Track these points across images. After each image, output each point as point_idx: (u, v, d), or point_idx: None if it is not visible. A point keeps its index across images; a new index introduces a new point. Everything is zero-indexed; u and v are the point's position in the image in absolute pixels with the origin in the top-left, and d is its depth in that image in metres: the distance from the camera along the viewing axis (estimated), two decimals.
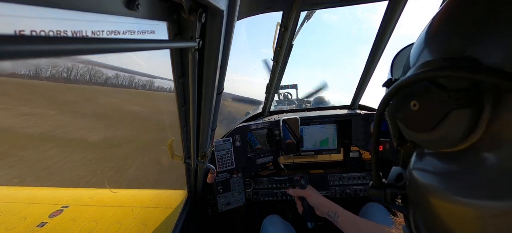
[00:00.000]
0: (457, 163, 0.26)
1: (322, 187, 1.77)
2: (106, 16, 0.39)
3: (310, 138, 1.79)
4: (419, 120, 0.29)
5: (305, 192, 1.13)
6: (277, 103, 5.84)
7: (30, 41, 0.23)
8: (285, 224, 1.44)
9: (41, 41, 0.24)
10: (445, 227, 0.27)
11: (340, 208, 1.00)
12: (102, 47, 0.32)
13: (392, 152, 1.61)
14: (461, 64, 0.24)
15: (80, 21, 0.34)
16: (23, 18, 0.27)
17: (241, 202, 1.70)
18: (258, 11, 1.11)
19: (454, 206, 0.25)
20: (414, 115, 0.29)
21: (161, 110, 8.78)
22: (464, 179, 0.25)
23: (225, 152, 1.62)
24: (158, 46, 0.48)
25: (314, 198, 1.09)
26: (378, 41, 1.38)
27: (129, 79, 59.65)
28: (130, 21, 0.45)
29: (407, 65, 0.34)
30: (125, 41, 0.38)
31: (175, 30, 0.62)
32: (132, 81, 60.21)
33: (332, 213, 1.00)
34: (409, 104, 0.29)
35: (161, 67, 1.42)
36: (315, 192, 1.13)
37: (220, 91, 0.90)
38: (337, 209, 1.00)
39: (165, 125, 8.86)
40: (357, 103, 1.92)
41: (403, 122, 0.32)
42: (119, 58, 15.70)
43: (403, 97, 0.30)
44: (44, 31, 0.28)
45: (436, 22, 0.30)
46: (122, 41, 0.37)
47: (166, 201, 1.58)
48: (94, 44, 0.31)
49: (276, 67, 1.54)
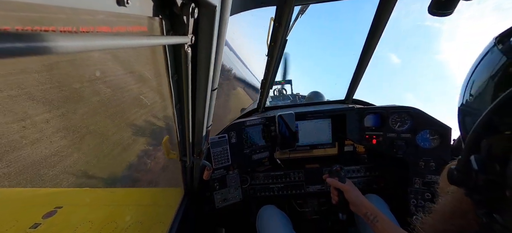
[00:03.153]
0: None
1: (318, 181, 1.80)
2: (96, 12, 0.38)
3: (306, 133, 1.80)
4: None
5: (344, 186, 1.12)
6: (272, 99, 5.84)
7: (18, 39, 0.22)
8: (281, 213, 1.47)
9: (27, 38, 0.24)
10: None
11: (380, 214, 0.99)
12: (93, 44, 0.31)
13: (386, 146, 1.64)
14: None
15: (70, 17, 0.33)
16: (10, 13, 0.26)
17: (237, 198, 1.71)
18: (252, 6, 1.10)
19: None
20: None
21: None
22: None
23: (221, 149, 1.62)
24: (150, 42, 0.47)
25: (354, 196, 1.09)
26: (371, 36, 1.39)
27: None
28: (121, 16, 0.44)
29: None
30: (116, 37, 0.37)
31: (167, 26, 0.61)
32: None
33: (371, 216, 0.99)
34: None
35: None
36: (355, 189, 1.12)
37: (215, 87, 0.89)
38: (378, 214, 0.99)
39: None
40: (352, 97, 1.94)
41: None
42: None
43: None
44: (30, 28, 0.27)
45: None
46: (113, 38, 0.37)
47: (162, 199, 1.58)
48: (84, 41, 0.30)
49: (270, 63, 1.54)
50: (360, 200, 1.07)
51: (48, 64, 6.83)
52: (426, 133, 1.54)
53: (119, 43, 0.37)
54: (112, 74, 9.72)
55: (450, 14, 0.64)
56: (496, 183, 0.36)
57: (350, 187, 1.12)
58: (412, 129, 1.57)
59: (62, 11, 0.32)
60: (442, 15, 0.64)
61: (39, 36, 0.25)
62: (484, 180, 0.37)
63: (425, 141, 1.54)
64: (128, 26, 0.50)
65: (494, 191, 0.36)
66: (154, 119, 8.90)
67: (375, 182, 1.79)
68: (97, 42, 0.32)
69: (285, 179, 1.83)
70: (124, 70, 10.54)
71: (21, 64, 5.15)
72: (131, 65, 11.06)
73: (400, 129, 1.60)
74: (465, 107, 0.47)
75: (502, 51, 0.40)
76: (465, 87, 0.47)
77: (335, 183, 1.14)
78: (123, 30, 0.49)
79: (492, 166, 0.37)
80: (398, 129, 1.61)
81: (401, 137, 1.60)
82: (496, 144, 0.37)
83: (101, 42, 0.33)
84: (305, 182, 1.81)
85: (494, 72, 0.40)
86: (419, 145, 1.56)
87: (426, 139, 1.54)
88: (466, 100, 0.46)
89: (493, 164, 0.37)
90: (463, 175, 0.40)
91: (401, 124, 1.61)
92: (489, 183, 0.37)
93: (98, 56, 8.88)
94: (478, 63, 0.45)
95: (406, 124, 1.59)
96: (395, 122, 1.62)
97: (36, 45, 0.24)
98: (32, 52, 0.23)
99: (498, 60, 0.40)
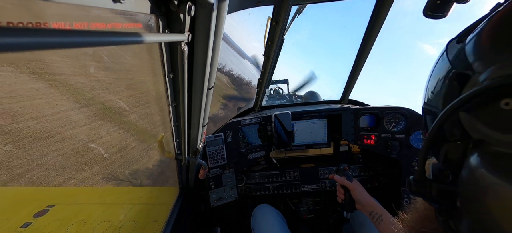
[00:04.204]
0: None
1: (313, 180, 1.81)
2: (90, 9, 0.37)
3: (301, 133, 1.81)
4: (510, 120, 0.28)
5: (351, 184, 1.14)
6: (269, 98, 5.86)
7: (9, 34, 0.22)
8: (275, 212, 1.47)
9: (21, 34, 0.23)
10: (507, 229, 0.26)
11: (386, 214, 1.00)
12: (87, 40, 0.30)
13: (380, 146, 1.66)
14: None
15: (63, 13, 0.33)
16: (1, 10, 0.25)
17: (233, 197, 1.71)
18: (249, 5, 1.10)
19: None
20: (504, 114, 0.28)
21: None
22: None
23: (216, 148, 1.61)
24: (146, 39, 0.47)
25: (360, 194, 1.11)
26: (367, 37, 1.40)
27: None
28: (116, 13, 0.43)
29: (483, 59, 0.32)
30: (110, 34, 0.37)
31: (164, 23, 0.60)
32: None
33: (376, 215, 1.00)
34: (498, 102, 0.28)
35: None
36: (362, 188, 1.14)
37: (211, 86, 0.89)
38: (383, 213, 1.00)
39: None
40: (347, 97, 1.95)
41: (484, 119, 0.30)
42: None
43: (491, 95, 0.29)
44: (22, 23, 0.26)
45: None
46: (107, 35, 0.36)
47: (157, 198, 1.56)
48: (79, 38, 0.30)
49: (267, 62, 1.54)
50: (367, 199, 1.08)
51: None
52: (419, 134, 1.57)
53: (114, 40, 0.37)
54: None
55: (445, 16, 0.64)
56: (448, 192, 0.36)
57: (357, 185, 1.14)
58: (406, 129, 1.60)
59: (57, 7, 0.31)
60: (437, 18, 0.65)
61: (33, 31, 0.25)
62: (437, 189, 0.37)
63: (418, 142, 1.57)
64: (123, 23, 0.50)
65: (447, 200, 0.36)
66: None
67: (369, 181, 1.81)
68: (92, 39, 0.31)
69: (280, 179, 1.83)
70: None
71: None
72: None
73: (394, 130, 1.63)
74: (426, 105, 0.46)
75: (449, 59, 0.39)
76: (426, 85, 0.46)
77: (343, 181, 1.16)
78: (118, 27, 0.48)
79: (445, 174, 0.37)
80: (392, 130, 1.63)
81: (395, 138, 1.62)
82: (451, 150, 0.37)
83: (96, 38, 0.32)
84: (301, 182, 1.82)
85: (443, 79, 0.40)
86: (412, 146, 1.58)
87: (419, 140, 1.56)
88: (426, 98, 0.46)
89: (447, 172, 0.37)
90: (418, 185, 0.40)
91: (395, 124, 1.63)
92: (442, 193, 0.37)
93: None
94: (435, 64, 0.44)
95: (400, 125, 1.62)
96: (389, 122, 1.64)
97: (30, 40, 0.23)
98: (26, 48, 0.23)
99: (446, 68, 0.39)
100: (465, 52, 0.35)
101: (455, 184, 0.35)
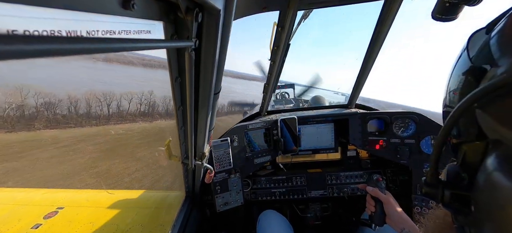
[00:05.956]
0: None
1: (320, 186, 1.78)
2: (101, 16, 0.38)
3: (308, 138, 1.79)
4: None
5: (385, 197, 1.09)
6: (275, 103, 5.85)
7: (24, 41, 0.23)
8: (281, 218, 1.45)
9: (34, 41, 0.24)
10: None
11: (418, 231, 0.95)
12: (97, 47, 0.31)
13: (389, 152, 1.62)
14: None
15: (75, 20, 0.34)
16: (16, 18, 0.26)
17: (239, 202, 1.70)
18: (255, 11, 1.11)
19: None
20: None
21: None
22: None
23: (223, 152, 1.61)
24: (154, 46, 0.48)
25: (393, 208, 1.06)
26: (374, 41, 1.39)
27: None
28: (126, 20, 0.44)
29: (502, 52, 0.30)
30: (120, 41, 0.38)
31: (172, 30, 0.61)
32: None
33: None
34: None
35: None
36: (395, 202, 1.09)
37: (217, 91, 0.89)
38: (415, 230, 0.95)
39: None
40: (354, 102, 1.93)
41: (499, 118, 0.28)
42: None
43: (508, 90, 0.27)
44: (37, 31, 0.27)
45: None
46: (117, 41, 0.37)
47: (163, 202, 1.57)
48: (89, 44, 0.31)
49: (273, 67, 1.54)
50: (400, 214, 1.03)
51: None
52: (429, 139, 1.52)
53: (125, 46, 0.38)
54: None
55: (455, 19, 0.63)
56: (461, 196, 0.34)
57: (392, 199, 1.08)
58: (415, 134, 1.56)
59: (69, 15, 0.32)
60: (446, 20, 0.63)
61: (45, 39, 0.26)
62: (450, 194, 0.35)
63: (429, 147, 1.52)
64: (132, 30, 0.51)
65: (461, 205, 0.34)
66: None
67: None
68: (102, 45, 0.32)
69: (287, 184, 1.81)
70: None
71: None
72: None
73: (404, 135, 1.59)
74: (445, 108, 0.43)
75: (469, 55, 0.36)
76: (446, 87, 0.43)
77: (376, 192, 1.11)
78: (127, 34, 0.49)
79: (461, 178, 0.35)
80: (401, 135, 1.60)
81: (404, 143, 1.58)
82: (469, 152, 0.34)
83: (106, 45, 0.33)
84: (307, 187, 1.80)
85: (461, 75, 0.37)
86: (423, 151, 1.54)
87: (430, 145, 1.52)
88: (447, 100, 0.43)
89: (464, 175, 0.35)
90: (431, 188, 0.37)
91: (404, 129, 1.59)
92: (455, 197, 0.34)
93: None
94: (455, 63, 0.41)
95: (409, 130, 1.58)
96: (398, 127, 1.60)
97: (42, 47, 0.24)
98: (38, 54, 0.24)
99: (465, 63, 0.37)
100: (486, 45, 0.33)
101: (470, 188, 0.33)
